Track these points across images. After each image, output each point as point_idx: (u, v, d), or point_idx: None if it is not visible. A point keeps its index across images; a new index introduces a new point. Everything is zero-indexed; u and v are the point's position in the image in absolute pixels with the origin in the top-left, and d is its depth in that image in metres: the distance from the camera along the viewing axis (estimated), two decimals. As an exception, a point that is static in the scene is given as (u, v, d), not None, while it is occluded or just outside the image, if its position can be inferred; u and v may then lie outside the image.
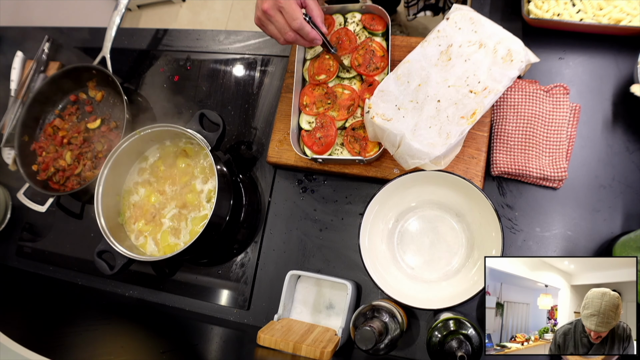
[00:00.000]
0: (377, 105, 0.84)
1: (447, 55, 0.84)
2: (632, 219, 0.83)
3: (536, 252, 0.85)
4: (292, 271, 0.88)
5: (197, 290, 0.99)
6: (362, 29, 0.97)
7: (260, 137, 1.05)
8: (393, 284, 0.82)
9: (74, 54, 1.28)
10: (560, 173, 0.84)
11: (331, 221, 0.95)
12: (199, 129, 0.91)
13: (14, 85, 1.23)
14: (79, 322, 0.96)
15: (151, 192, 0.97)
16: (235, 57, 1.14)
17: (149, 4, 2.64)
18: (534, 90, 0.88)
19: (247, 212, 0.97)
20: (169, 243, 0.93)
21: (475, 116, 0.80)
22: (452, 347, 0.68)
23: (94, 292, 1.05)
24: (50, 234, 1.14)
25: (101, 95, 1.15)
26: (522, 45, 0.82)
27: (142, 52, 1.21)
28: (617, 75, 0.90)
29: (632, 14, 0.87)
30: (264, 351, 0.79)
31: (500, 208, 0.88)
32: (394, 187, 0.83)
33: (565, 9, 0.90)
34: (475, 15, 0.85)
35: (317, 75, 0.97)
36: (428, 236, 0.86)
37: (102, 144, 1.09)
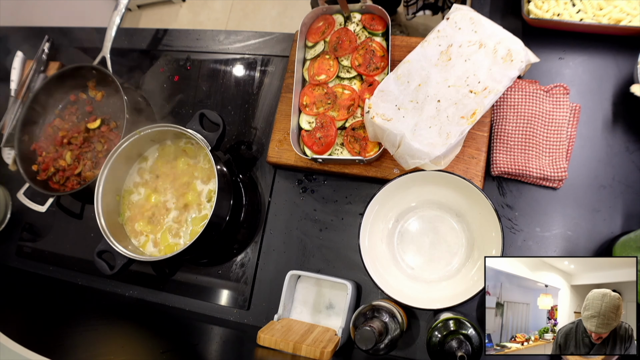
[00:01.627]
0: (377, 105, 0.84)
1: (447, 55, 0.84)
2: (632, 219, 0.83)
3: (536, 252, 0.85)
4: (292, 271, 0.88)
5: (197, 290, 0.99)
6: (362, 29, 0.97)
7: (260, 137, 1.05)
8: (393, 284, 0.82)
9: (74, 54, 1.28)
10: (560, 173, 0.84)
11: (331, 221, 0.95)
12: (199, 129, 0.91)
13: (14, 85, 1.23)
14: (79, 322, 0.96)
15: (151, 192, 0.97)
16: (235, 57, 1.14)
17: (149, 4, 2.64)
18: (534, 90, 0.88)
19: (247, 212, 0.97)
20: (169, 243, 0.93)
21: (475, 116, 0.80)
22: (452, 347, 0.68)
23: (94, 292, 1.05)
24: (50, 234, 1.13)
25: (101, 95, 1.15)
26: (522, 45, 0.82)
27: (142, 52, 1.21)
28: (617, 75, 0.90)
29: (632, 14, 0.87)
30: (264, 351, 0.79)
31: (500, 208, 0.88)
32: (394, 187, 0.83)
33: (565, 9, 0.90)
34: (475, 15, 0.85)
35: (317, 75, 0.97)
36: (428, 236, 0.86)
37: (102, 144, 1.09)
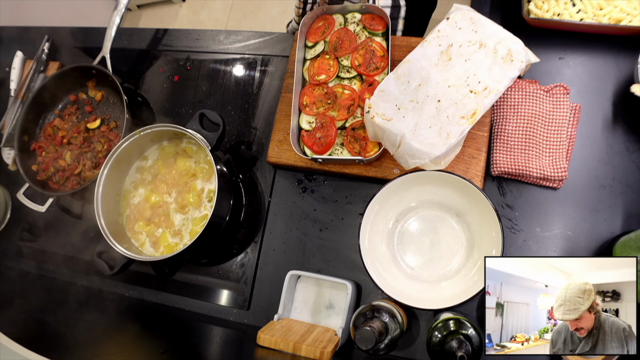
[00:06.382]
0: (377, 105, 0.84)
1: (448, 55, 0.84)
2: (632, 219, 0.83)
3: (536, 252, 0.85)
4: (292, 271, 0.88)
5: (197, 290, 0.99)
6: (362, 29, 0.97)
7: (260, 137, 1.05)
8: (393, 284, 0.82)
9: (74, 54, 1.28)
10: (560, 173, 0.84)
11: (331, 221, 0.95)
12: (199, 129, 0.91)
13: (14, 85, 1.23)
14: (79, 322, 0.96)
15: (151, 192, 0.97)
16: (235, 57, 1.14)
17: (149, 4, 2.65)
18: (534, 90, 0.88)
19: (247, 212, 0.97)
20: (169, 243, 0.93)
21: (475, 116, 0.80)
22: (452, 347, 0.68)
23: (94, 292, 1.05)
24: (50, 234, 1.13)
25: (101, 95, 1.15)
26: (522, 45, 0.82)
27: (142, 52, 1.21)
28: (617, 75, 0.90)
29: (632, 14, 0.87)
30: (264, 351, 0.79)
31: (500, 208, 0.88)
32: (394, 187, 0.83)
33: (566, 9, 0.90)
34: (476, 15, 0.85)
35: (317, 75, 0.97)
36: (428, 236, 0.86)
37: (102, 144, 1.09)
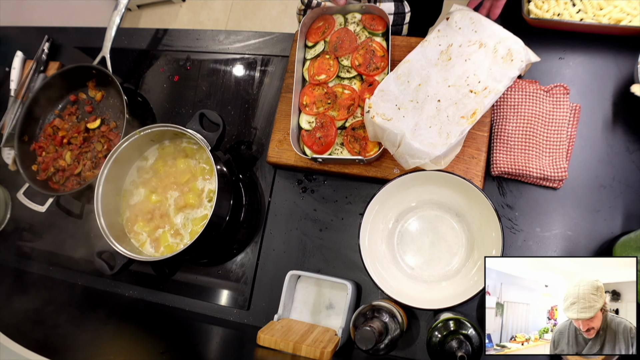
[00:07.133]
0: (377, 104, 0.84)
1: (447, 55, 0.84)
2: (632, 219, 0.83)
3: (536, 252, 0.85)
4: (292, 271, 0.88)
5: (197, 290, 0.99)
6: (362, 29, 0.97)
7: (260, 137, 1.05)
8: (393, 284, 0.82)
9: (74, 54, 1.28)
10: (560, 173, 0.84)
11: (331, 221, 0.95)
12: (199, 129, 0.91)
13: (14, 85, 1.23)
14: (79, 322, 0.96)
15: (151, 192, 0.97)
16: (235, 57, 1.14)
17: (149, 4, 2.65)
18: (534, 90, 0.88)
19: (247, 212, 0.97)
20: (169, 243, 0.93)
21: (475, 116, 0.80)
22: (452, 347, 0.68)
23: (94, 292, 1.05)
24: (50, 234, 1.13)
25: (101, 95, 1.15)
26: (522, 45, 0.82)
27: (142, 52, 1.21)
28: (618, 75, 0.90)
29: (632, 14, 0.87)
30: (264, 351, 0.79)
31: (500, 208, 0.88)
32: (394, 187, 0.83)
33: (566, 9, 0.90)
34: (475, 15, 0.85)
35: (317, 75, 0.97)
36: (428, 236, 0.86)
37: (102, 144, 1.09)
